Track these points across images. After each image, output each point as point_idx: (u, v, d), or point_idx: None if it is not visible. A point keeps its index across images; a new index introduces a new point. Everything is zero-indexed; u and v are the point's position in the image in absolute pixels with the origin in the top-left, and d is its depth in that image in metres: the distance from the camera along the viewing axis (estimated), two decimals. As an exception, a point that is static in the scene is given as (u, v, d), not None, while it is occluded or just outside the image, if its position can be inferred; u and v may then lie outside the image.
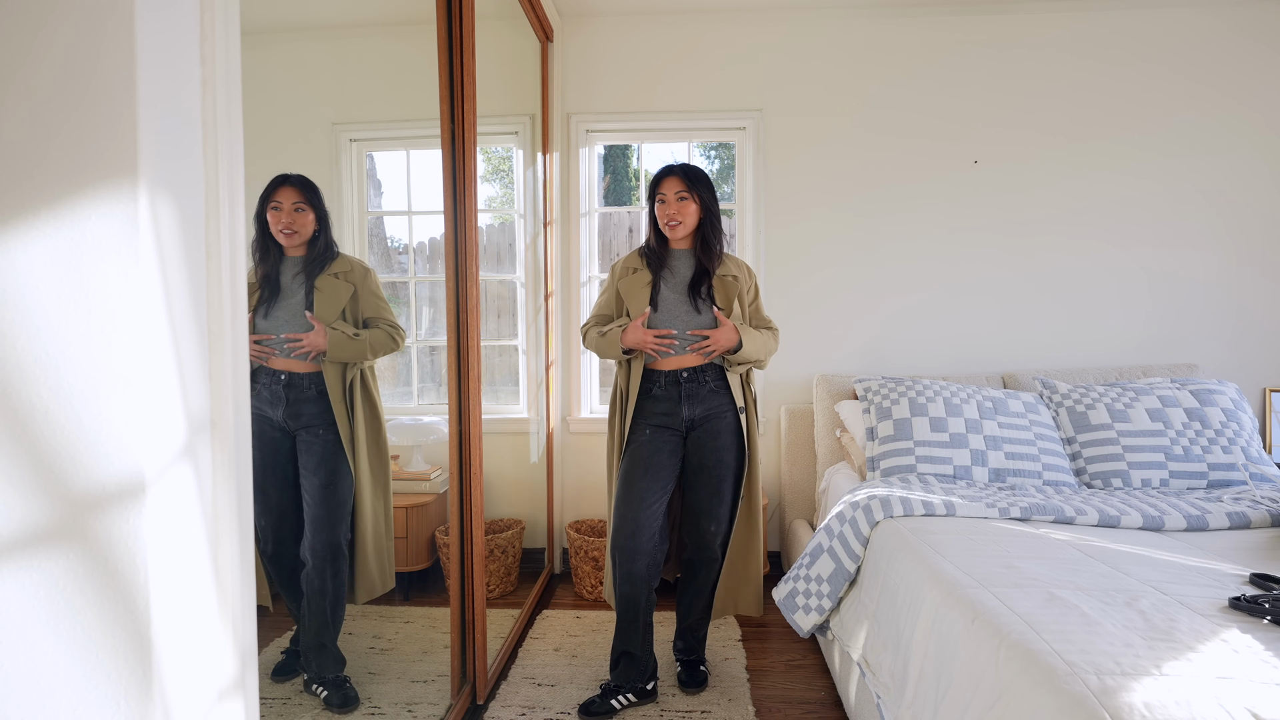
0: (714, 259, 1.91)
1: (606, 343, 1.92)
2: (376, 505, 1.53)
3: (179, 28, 0.73)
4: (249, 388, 0.84)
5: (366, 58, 1.72)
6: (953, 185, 2.82)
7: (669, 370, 1.90)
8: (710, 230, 1.92)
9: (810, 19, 2.81)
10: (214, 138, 0.78)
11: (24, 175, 0.67)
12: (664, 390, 1.91)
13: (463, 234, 1.77)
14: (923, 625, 1.34)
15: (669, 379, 1.90)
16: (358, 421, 1.47)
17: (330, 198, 1.69)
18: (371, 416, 1.50)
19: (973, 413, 2.27)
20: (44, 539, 0.68)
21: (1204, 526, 1.73)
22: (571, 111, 2.89)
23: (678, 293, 1.91)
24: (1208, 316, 2.81)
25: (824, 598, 1.84)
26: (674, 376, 1.90)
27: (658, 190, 1.92)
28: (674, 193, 1.88)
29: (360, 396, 1.48)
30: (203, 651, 0.76)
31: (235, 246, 0.81)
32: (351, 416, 1.46)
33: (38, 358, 0.67)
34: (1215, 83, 2.74)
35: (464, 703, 1.80)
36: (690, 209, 1.88)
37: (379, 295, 1.54)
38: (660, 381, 1.91)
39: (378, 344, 1.52)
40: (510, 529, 2.69)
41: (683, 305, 1.89)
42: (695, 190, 1.88)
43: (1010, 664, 1.04)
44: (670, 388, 1.90)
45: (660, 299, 1.91)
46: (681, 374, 1.89)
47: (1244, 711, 0.88)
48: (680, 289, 1.91)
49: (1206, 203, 2.78)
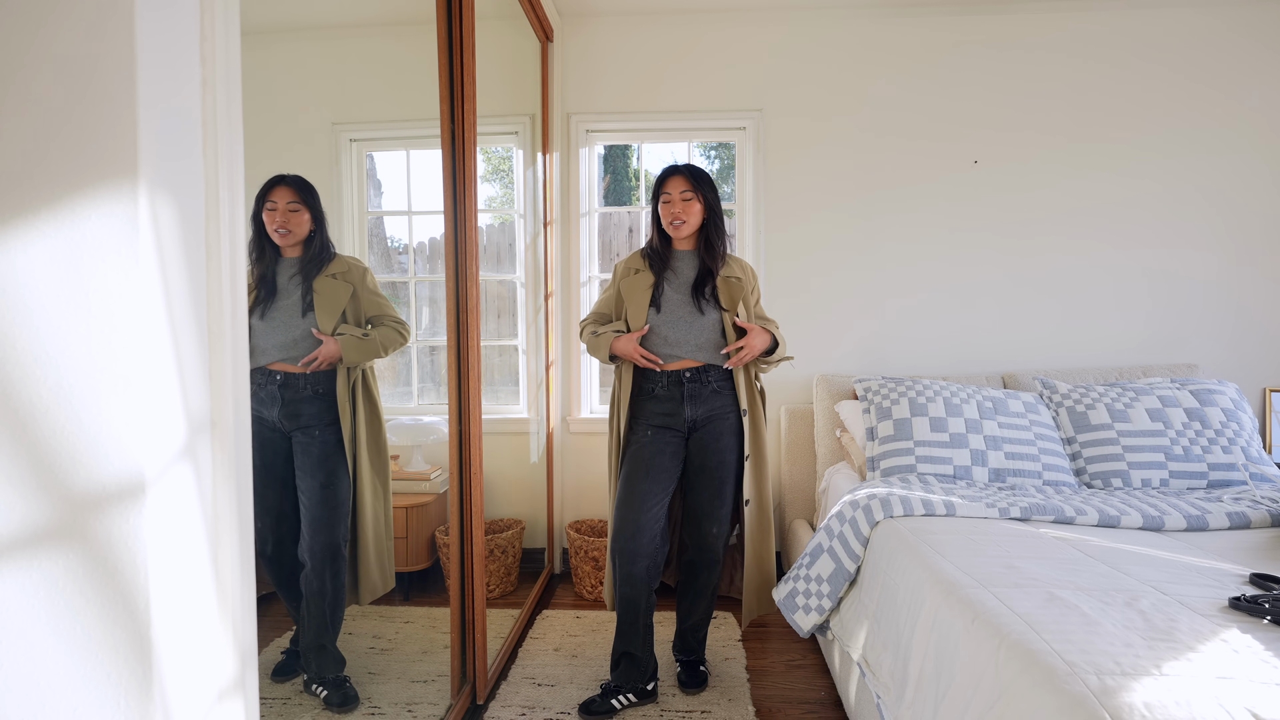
0: (717, 259, 1.91)
1: (598, 343, 1.92)
2: (377, 506, 1.53)
3: (179, 28, 0.73)
4: (249, 388, 0.84)
5: (366, 58, 1.72)
6: (953, 185, 2.82)
7: (672, 370, 1.89)
8: (714, 230, 1.91)
9: (810, 19, 2.81)
10: (214, 138, 0.78)
11: (24, 175, 0.67)
12: (666, 390, 1.90)
13: (463, 234, 1.77)
14: (923, 625, 1.34)
15: (671, 379, 1.89)
16: (359, 422, 1.47)
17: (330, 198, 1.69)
18: (372, 416, 1.51)
19: (973, 413, 2.27)
20: (44, 539, 0.68)
21: (1204, 526, 1.73)
22: (571, 111, 2.89)
23: (681, 294, 1.90)
24: (1208, 316, 2.81)
25: (824, 598, 1.84)
26: (676, 377, 1.89)
27: (662, 189, 1.91)
28: (679, 192, 1.87)
29: (362, 396, 1.48)
30: (203, 651, 0.76)
31: (235, 246, 0.81)
32: (354, 416, 1.46)
33: (38, 357, 0.67)
34: (1215, 83, 2.74)
35: (464, 703, 1.80)
36: (695, 209, 1.88)
37: (378, 293, 1.54)
38: (662, 382, 1.90)
39: (388, 341, 1.53)
40: (510, 529, 2.69)
41: (686, 306, 1.88)
42: (700, 190, 1.87)
43: (1010, 664, 1.04)
44: (672, 388, 1.89)
45: (663, 300, 1.90)
46: (684, 374, 1.88)
47: (1244, 711, 0.88)
48: (684, 290, 1.90)
49: (1206, 203, 2.78)
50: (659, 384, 1.90)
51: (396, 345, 1.55)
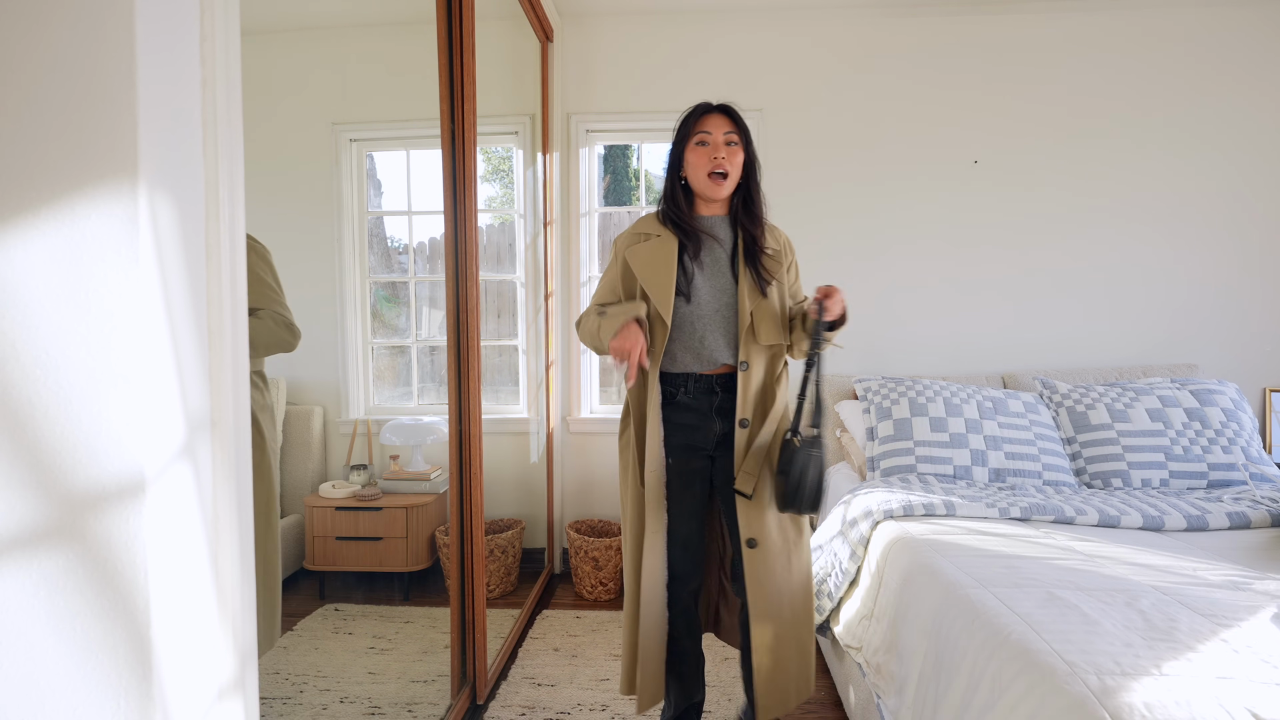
0: (758, 226, 1.48)
1: (608, 322, 1.42)
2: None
3: (179, 28, 0.73)
4: (249, 388, 0.84)
5: (366, 58, 1.72)
6: (953, 185, 2.82)
7: (702, 374, 1.48)
8: (752, 187, 1.49)
9: (810, 19, 2.81)
10: (214, 138, 0.78)
11: (24, 175, 0.67)
12: (692, 398, 1.48)
13: (463, 234, 1.77)
14: (923, 625, 1.34)
15: (700, 385, 1.47)
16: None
17: (330, 198, 1.69)
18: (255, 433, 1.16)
19: (973, 413, 2.27)
20: (43, 539, 0.68)
21: (1204, 526, 1.73)
22: (571, 111, 2.89)
23: (713, 270, 1.47)
24: (1208, 316, 2.80)
25: (824, 598, 1.84)
26: (707, 383, 1.47)
27: (696, 129, 1.45)
28: (722, 133, 1.44)
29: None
30: (202, 651, 0.76)
31: (235, 246, 0.81)
32: None
33: (37, 357, 0.67)
34: (1217, 83, 2.74)
35: (464, 703, 1.80)
36: (739, 159, 1.46)
37: (268, 283, 1.23)
38: (687, 386, 1.48)
39: (256, 340, 1.16)
40: (510, 529, 2.69)
41: (720, 286, 1.46)
42: (744, 137, 1.47)
43: (1010, 664, 1.04)
44: (701, 396, 1.48)
45: (693, 285, 1.46)
46: (716, 379, 1.47)
47: (1244, 711, 0.88)
48: (719, 266, 1.47)
49: (1207, 203, 2.78)
50: (682, 388, 1.49)
51: (276, 345, 1.22)
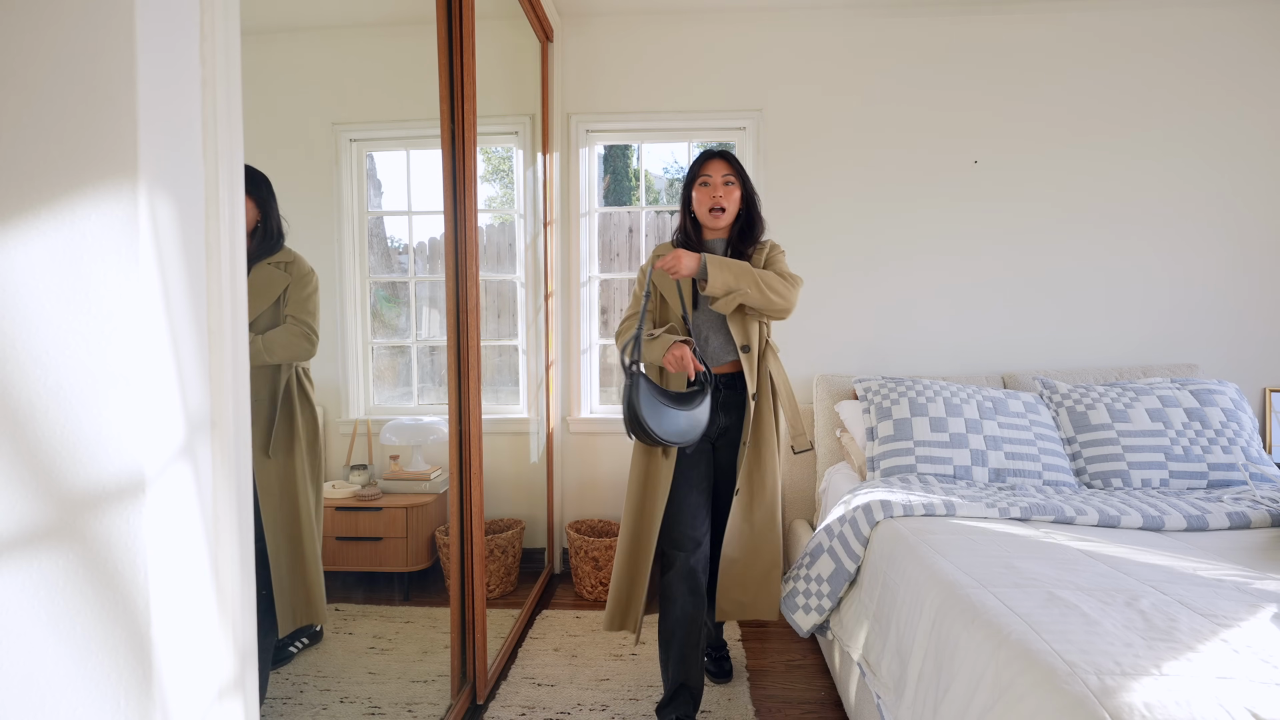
0: (749, 245, 1.81)
1: (659, 345, 1.76)
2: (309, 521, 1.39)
3: (179, 28, 0.73)
4: (249, 388, 0.84)
5: (366, 58, 1.72)
6: (953, 185, 2.82)
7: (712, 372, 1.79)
8: (753, 216, 1.83)
9: (810, 19, 2.81)
10: (214, 138, 0.78)
11: (24, 175, 0.67)
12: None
13: (463, 234, 1.77)
14: (923, 625, 1.34)
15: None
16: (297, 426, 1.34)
17: (330, 198, 1.69)
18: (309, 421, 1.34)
19: (973, 413, 2.27)
20: (43, 539, 0.68)
21: (1204, 526, 1.73)
22: (571, 111, 2.89)
23: None
24: (1208, 317, 2.80)
25: (824, 598, 1.84)
26: (714, 380, 1.79)
27: (700, 172, 1.80)
28: (720, 175, 1.78)
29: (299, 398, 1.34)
30: (202, 651, 0.76)
31: (235, 246, 0.81)
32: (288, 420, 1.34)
33: (37, 357, 0.67)
34: (1218, 84, 2.74)
35: (464, 703, 1.80)
36: (735, 195, 1.80)
37: (307, 299, 1.36)
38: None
39: (274, 344, 1.30)
40: (510, 529, 2.69)
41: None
42: (740, 176, 1.80)
43: (1010, 664, 1.04)
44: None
45: (699, 293, 1.81)
46: (721, 378, 1.82)
47: (1244, 711, 0.88)
48: None
49: (1207, 203, 2.78)
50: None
51: (293, 351, 1.33)
